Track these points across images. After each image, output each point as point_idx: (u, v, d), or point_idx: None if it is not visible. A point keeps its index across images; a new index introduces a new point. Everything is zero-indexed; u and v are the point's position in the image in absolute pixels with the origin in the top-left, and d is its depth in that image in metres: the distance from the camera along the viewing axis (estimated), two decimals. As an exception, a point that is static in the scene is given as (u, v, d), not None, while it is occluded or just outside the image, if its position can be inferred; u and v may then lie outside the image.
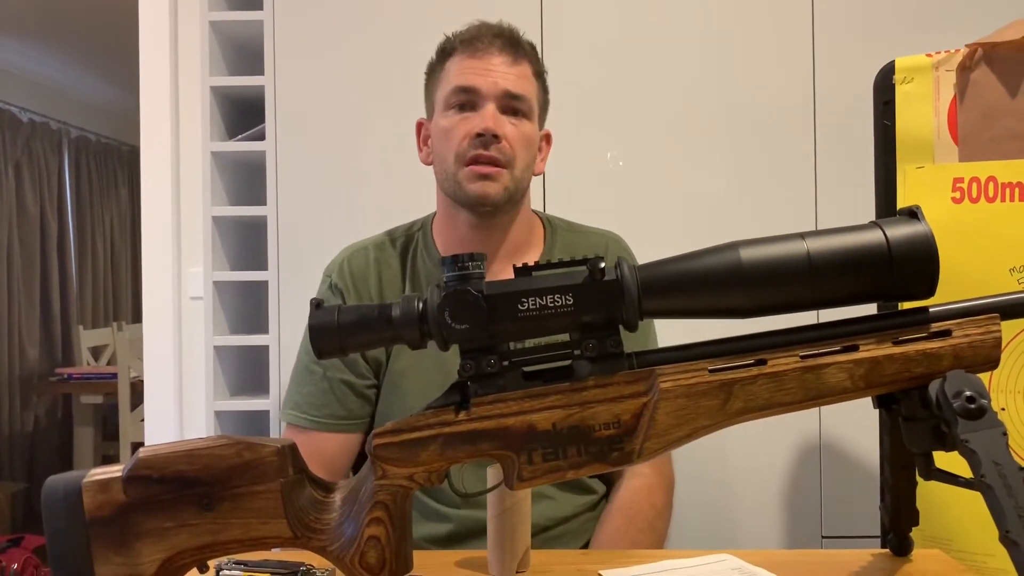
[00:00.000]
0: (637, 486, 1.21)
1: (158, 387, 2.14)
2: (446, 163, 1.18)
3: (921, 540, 0.92)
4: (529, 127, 1.20)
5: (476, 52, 1.18)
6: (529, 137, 1.20)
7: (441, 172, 1.20)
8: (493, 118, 1.15)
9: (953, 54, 1.22)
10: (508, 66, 1.18)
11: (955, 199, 1.20)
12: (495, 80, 1.16)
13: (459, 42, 1.20)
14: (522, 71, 1.20)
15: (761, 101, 1.79)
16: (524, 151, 1.18)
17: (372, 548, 0.68)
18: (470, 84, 1.16)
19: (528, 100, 1.20)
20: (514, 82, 1.18)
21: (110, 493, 0.67)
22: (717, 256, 0.68)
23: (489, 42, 1.18)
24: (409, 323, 0.68)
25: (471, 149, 1.15)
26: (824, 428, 1.75)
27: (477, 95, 1.17)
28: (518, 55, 1.19)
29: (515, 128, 1.17)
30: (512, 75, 1.18)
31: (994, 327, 0.69)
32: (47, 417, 4.69)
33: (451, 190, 1.19)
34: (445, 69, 1.20)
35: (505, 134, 1.16)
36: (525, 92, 1.19)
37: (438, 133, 1.20)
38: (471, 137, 1.15)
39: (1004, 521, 0.59)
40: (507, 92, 1.17)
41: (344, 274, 1.24)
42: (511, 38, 1.20)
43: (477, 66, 1.17)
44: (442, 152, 1.19)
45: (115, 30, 3.51)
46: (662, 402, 0.68)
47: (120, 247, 5.51)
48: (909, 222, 0.68)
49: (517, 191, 1.19)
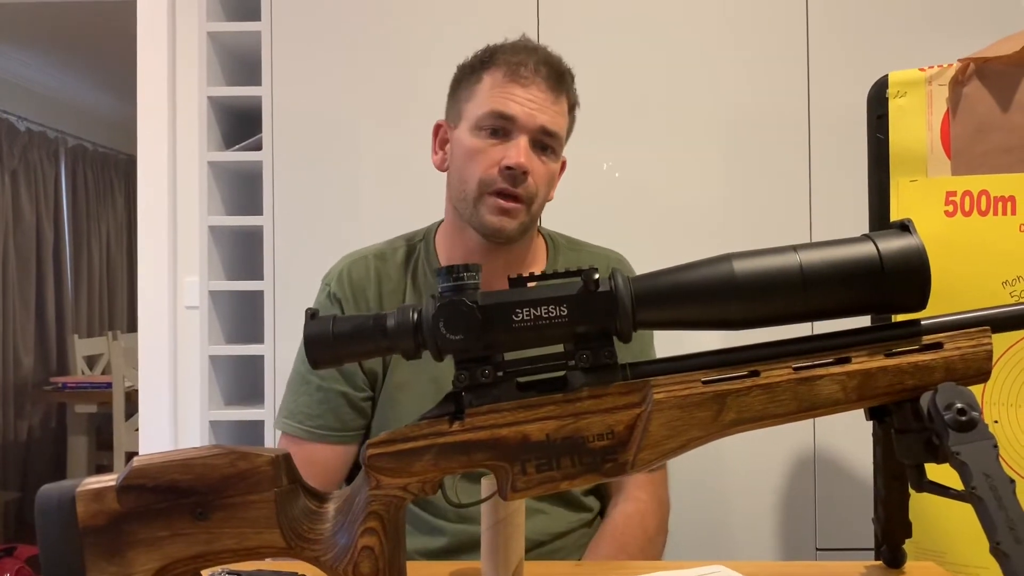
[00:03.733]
0: (630, 511, 1.19)
1: (153, 396, 2.14)
2: (467, 184, 1.15)
3: (915, 552, 0.92)
4: (555, 165, 1.18)
5: (520, 78, 1.13)
6: (553, 175, 1.19)
7: (459, 191, 1.17)
8: (526, 154, 1.12)
9: (946, 68, 1.23)
10: (550, 102, 1.14)
11: (948, 212, 1.21)
12: (534, 113, 1.12)
13: (503, 59, 1.15)
14: (560, 108, 1.16)
15: (756, 114, 1.81)
16: (546, 188, 1.17)
17: (366, 558, 0.68)
18: (509, 112, 1.12)
19: (560, 138, 1.17)
20: (551, 119, 1.14)
21: (104, 502, 0.67)
22: (711, 268, 0.68)
23: (535, 70, 1.13)
24: (404, 333, 0.68)
25: (498, 179, 1.12)
26: (818, 440, 1.75)
27: (512, 123, 1.12)
28: (560, 89, 1.15)
29: (543, 166, 1.15)
30: (551, 111, 1.14)
31: (985, 340, 0.69)
32: (41, 426, 4.67)
33: (465, 212, 1.16)
34: (482, 82, 1.15)
35: (533, 170, 1.13)
36: (560, 130, 1.16)
37: (463, 150, 1.16)
38: (500, 168, 1.12)
39: (995, 533, 0.59)
40: (543, 128, 1.13)
41: (343, 284, 1.22)
42: (557, 70, 1.16)
43: (519, 94, 1.12)
44: (463, 172, 1.16)
45: (113, 40, 3.52)
46: (656, 413, 0.68)
47: (116, 256, 5.51)
48: (901, 235, 0.68)
49: (532, 225, 1.19)
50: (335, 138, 1.88)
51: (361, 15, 1.88)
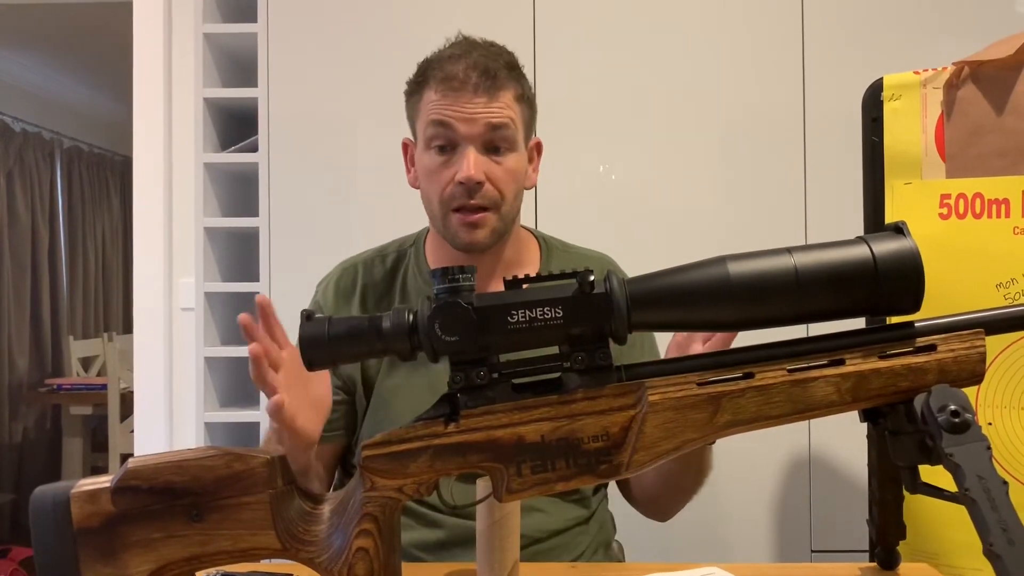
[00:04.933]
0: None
1: (148, 398, 2.13)
2: (432, 204, 1.16)
3: (909, 554, 0.92)
4: (514, 159, 1.16)
5: (451, 90, 1.11)
6: (515, 170, 1.16)
7: (428, 210, 1.18)
8: (475, 166, 1.10)
9: (940, 72, 1.24)
10: (484, 105, 1.11)
11: (942, 215, 1.21)
12: (472, 119, 1.11)
13: (433, 74, 1.14)
14: (503, 102, 1.13)
15: (752, 116, 1.81)
16: (511, 185, 1.15)
17: (361, 560, 0.68)
18: (448, 124, 1.11)
19: (511, 129, 1.14)
20: (495, 114, 1.12)
21: (98, 504, 0.67)
22: (705, 270, 0.68)
23: (464, 78, 1.11)
24: (399, 335, 0.68)
25: (456, 196, 1.12)
26: (813, 442, 1.75)
27: (455, 133, 1.11)
28: (495, 88, 1.12)
29: (499, 166, 1.13)
30: (490, 112, 1.12)
31: (979, 342, 0.69)
32: (36, 428, 4.66)
33: (439, 229, 1.17)
34: (422, 98, 1.15)
35: (490, 177, 1.12)
36: (505, 122, 1.13)
37: (422, 170, 1.17)
38: (454, 184, 1.12)
39: (988, 534, 0.60)
40: (488, 126, 1.11)
41: (328, 294, 1.24)
42: (487, 69, 1.12)
43: (452, 106, 1.11)
44: (427, 191, 1.17)
45: (109, 41, 3.51)
46: (650, 415, 0.68)
47: (112, 257, 5.49)
48: (895, 237, 0.68)
49: (507, 226, 1.18)
50: (331, 140, 1.88)
51: (357, 17, 1.88)
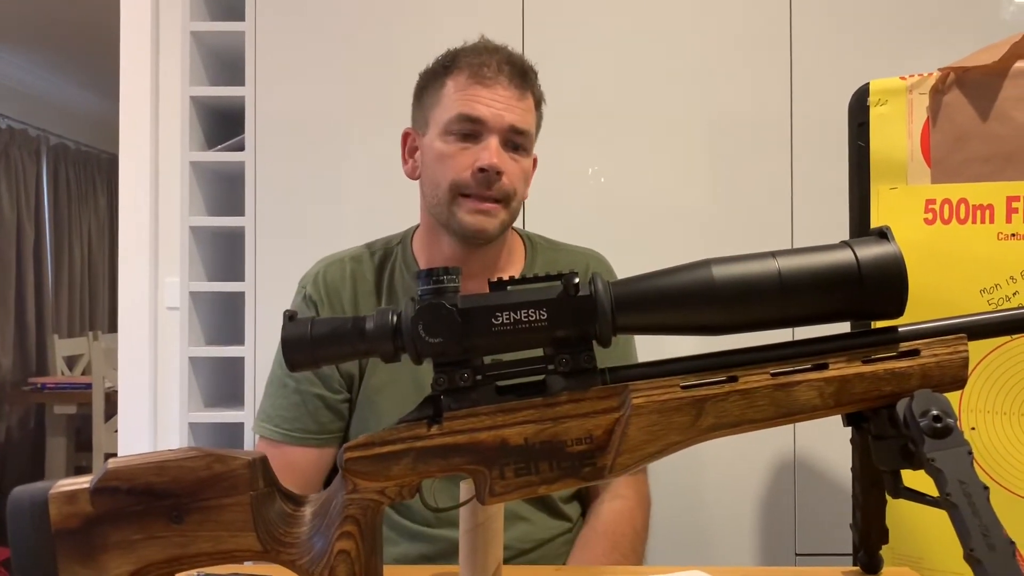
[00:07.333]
0: (619, 508, 1.20)
1: (132, 398, 2.12)
2: (439, 188, 1.15)
3: (892, 558, 0.93)
4: (527, 162, 1.18)
5: (484, 79, 1.13)
6: (527, 172, 1.19)
7: (432, 196, 1.17)
8: (498, 154, 1.12)
9: (926, 77, 1.24)
10: (516, 99, 1.14)
11: (927, 220, 1.22)
12: (501, 113, 1.13)
13: (465, 62, 1.15)
14: (528, 105, 1.16)
15: (740, 120, 1.81)
16: (522, 185, 1.18)
17: (342, 562, 0.68)
18: (477, 115, 1.12)
19: (530, 135, 1.17)
20: (519, 117, 1.14)
21: (77, 504, 0.66)
22: (690, 273, 0.68)
23: (498, 69, 1.13)
24: (383, 336, 0.67)
25: (472, 182, 1.12)
26: (798, 446, 1.76)
27: (481, 125, 1.13)
28: (525, 87, 1.16)
29: (516, 164, 1.15)
30: (519, 109, 1.14)
31: (962, 347, 0.69)
32: (19, 427, 4.62)
33: (441, 215, 1.16)
34: (446, 86, 1.15)
35: (506, 169, 1.13)
36: (528, 127, 1.16)
37: (433, 155, 1.16)
38: (473, 171, 1.12)
39: (968, 539, 0.60)
40: (512, 127, 1.13)
41: (319, 286, 1.22)
42: (520, 67, 1.16)
43: (484, 95, 1.13)
44: (436, 176, 1.16)
45: (96, 38, 3.50)
46: (634, 418, 0.68)
47: (97, 256, 5.46)
48: (879, 242, 0.69)
49: (511, 223, 1.19)
50: (318, 139, 1.87)
51: (345, 16, 1.87)
